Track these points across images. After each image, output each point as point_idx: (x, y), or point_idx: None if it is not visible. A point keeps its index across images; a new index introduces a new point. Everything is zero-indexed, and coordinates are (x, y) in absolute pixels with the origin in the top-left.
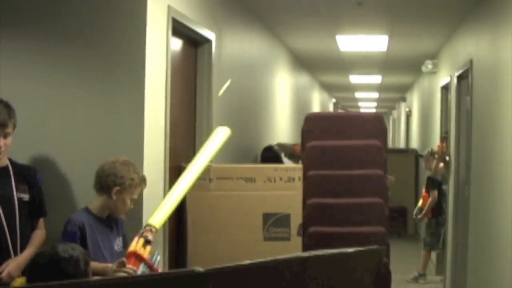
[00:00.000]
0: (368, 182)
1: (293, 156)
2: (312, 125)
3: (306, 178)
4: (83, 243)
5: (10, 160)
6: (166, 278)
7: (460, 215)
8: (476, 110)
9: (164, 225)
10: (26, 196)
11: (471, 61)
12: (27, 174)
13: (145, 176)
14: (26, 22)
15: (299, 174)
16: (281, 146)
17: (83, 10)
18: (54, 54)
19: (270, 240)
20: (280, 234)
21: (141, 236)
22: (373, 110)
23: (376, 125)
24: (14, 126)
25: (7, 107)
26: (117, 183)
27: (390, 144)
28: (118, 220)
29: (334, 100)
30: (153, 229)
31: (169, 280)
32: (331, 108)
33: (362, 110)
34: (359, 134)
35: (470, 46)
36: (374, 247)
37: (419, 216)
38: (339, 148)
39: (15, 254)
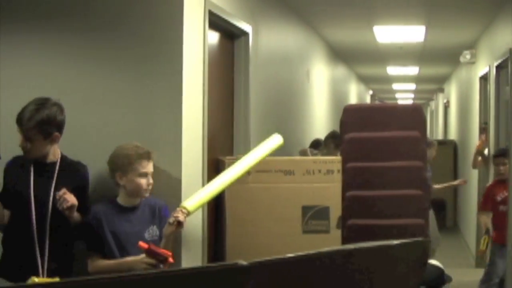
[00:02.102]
0: (407, 174)
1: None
2: (351, 117)
3: (345, 170)
4: (101, 233)
5: (62, 156)
6: (209, 271)
7: None
8: None
9: (197, 210)
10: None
11: (510, 50)
12: (74, 172)
13: (146, 149)
14: (61, 15)
15: (338, 166)
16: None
17: (120, 2)
18: (91, 49)
19: (309, 233)
20: (319, 226)
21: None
22: (411, 102)
23: (415, 116)
24: (42, 132)
25: (37, 111)
26: (116, 168)
27: (428, 135)
28: (158, 207)
29: (371, 92)
30: (184, 210)
31: (212, 273)
32: (368, 100)
33: (399, 102)
34: (398, 125)
35: (509, 35)
36: (420, 239)
37: None
38: (378, 140)
39: (42, 254)
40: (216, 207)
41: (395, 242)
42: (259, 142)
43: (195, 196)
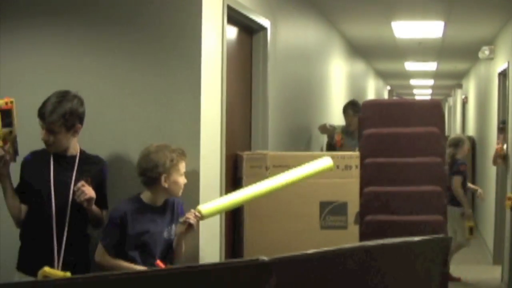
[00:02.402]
0: (426, 170)
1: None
2: (369, 112)
3: (363, 166)
4: (124, 232)
5: (81, 150)
6: (229, 267)
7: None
8: None
9: (212, 216)
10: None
11: None
12: (93, 166)
13: (181, 149)
14: (80, 9)
15: (356, 162)
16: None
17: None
18: (109, 43)
19: (327, 228)
20: (337, 222)
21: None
22: (428, 97)
23: (434, 112)
24: (66, 124)
25: (60, 103)
26: (162, 171)
27: (446, 132)
28: (176, 205)
29: (389, 87)
30: (198, 214)
31: (233, 269)
32: (386, 96)
33: (417, 98)
34: (417, 121)
35: None
36: (441, 236)
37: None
38: (397, 136)
39: (59, 245)
40: None
41: (416, 238)
42: (277, 137)
43: (214, 202)
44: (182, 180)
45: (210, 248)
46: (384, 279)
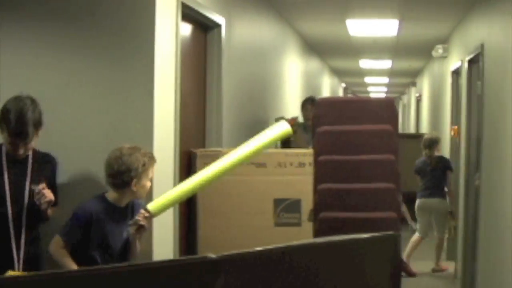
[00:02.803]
0: (379, 167)
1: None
2: (323, 110)
3: (317, 163)
4: (87, 233)
5: (33, 150)
6: (177, 265)
7: (471, 202)
8: (487, 95)
9: (162, 212)
10: (41, 186)
11: (482, 45)
12: (47, 164)
13: (151, 152)
14: (31, 5)
15: (309, 159)
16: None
17: None
18: (60, 40)
19: (281, 225)
20: (291, 219)
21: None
22: (383, 95)
23: (387, 109)
24: (36, 130)
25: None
26: (134, 175)
27: (400, 129)
28: (135, 206)
29: (344, 85)
30: (147, 214)
31: (182, 267)
32: (341, 93)
33: (372, 95)
34: (371, 119)
35: (481, 30)
36: (390, 233)
37: None
38: (350, 133)
39: (18, 245)
40: (188, 200)
41: (365, 235)
42: (232, 134)
43: (161, 197)
44: (149, 184)
45: (164, 246)
46: (333, 275)
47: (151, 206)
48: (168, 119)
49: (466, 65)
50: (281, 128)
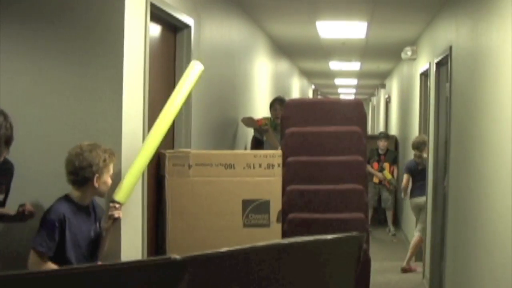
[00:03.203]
0: (348, 168)
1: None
2: (292, 111)
3: (285, 165)
4: (62, 235)
5: None
6: (141, 266)
7: (439, 204)
8: (455, 97)
9: (129, 196)
10: (1, 197)
11: (450, 48)
12: (7, 171)
13: (111, 149)
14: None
15: (278, 160)
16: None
17: None
18: (30, 41)
19: (250, 226)
20: (260, 220)
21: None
22: (353, 97)
23: (356, 111)
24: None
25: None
26: (95, 170)
27: (369, 131)
28: (95, 205)
29: (313, 86)
30: (117, 205)
31: (145, 268)
32: (310, 95)
33: (341, 97)
34: (339, 120)
35: (449, 33)
36: (354, 233)
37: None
38: (319, 134)
39: None
40: (157, 201)
41: (330, 236)
42: (201, 135)
43: (121, 185)
44: (110, 180)
45: (132, 248)
46: (298, 276)
47: (116, 196)
48: (136, 120)
49: (434, 67)
50: (193, 67)
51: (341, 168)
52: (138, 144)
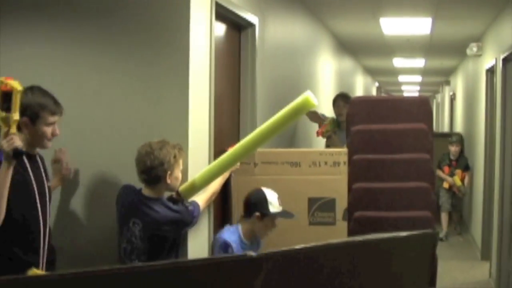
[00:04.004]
0: (414, 166)
1: None
2: (358, 109)
3: (351, 163)
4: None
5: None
6: (217, 263)
7: (506, 201)
8: None
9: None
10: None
11: None
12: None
13: (180, 144)
14: (65, 3)
15: (344, 158)
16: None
17: None
18: (96, 39)
19: (316, 224)
20: (325, 218)
21: None
22: (416, 94)
23: (422, 108)
24: None
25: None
26: (166, 168)
27: (434, 128)
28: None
29: (377, 84)
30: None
31: (221, 265)
32: (374, 92)
33: (405, 94)
34: (405, 118)
35: None
36: (428, 231)
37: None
38: (385, 132)
39: (44, 245)
40: (223, 200)
41: (403, 234)
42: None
43: (189, 182)
44: (180, 175)
45: (199, 246)
46: (371, 274)
47: (181, 188)
48: (202, 119)
49: (500, 63)
50: (302, 98)
51: (407, 166)
52: (204, 143)
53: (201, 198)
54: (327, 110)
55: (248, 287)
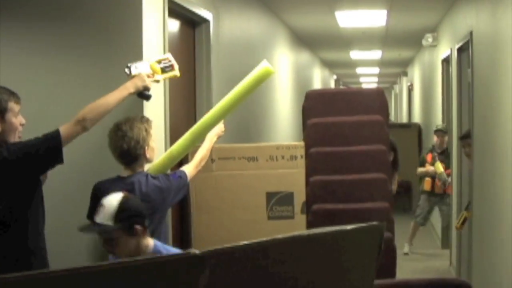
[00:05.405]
0: (371, 158)
1: None
2: (313, 102)
3: (308, 156)
4: None
5: None
6: (160, 262)
7: (464, 191)
8: (477, 83)
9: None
10: None
11: (471, 33)
12: None
13: (143, 115)
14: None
15: (301, 152)
16: None
17: None
18: (49, 40)
19: (274, 219)
20: (284, 212)
21: None
22: (375, 86)
23: (377, 100)
24: None
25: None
26: (143, 144)
27: (392, 119)
28: None
29: (335, 76)
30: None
31: (164, 264)
32: (332, 85)
33: (363, 86)
34: (361, 110)
35: (470, 18)
36: (375, 223)
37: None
38: (341, 124)
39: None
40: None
41: (349, 226)
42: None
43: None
44: (155, 144)
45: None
46: (318, 267)
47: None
48: (157, 116)
49: (455, 53)
50: (262, 67)
51: (364, 158)
52: (160, 140)
53: (189, 166)
54: (283, 105)
55: (192, 286)
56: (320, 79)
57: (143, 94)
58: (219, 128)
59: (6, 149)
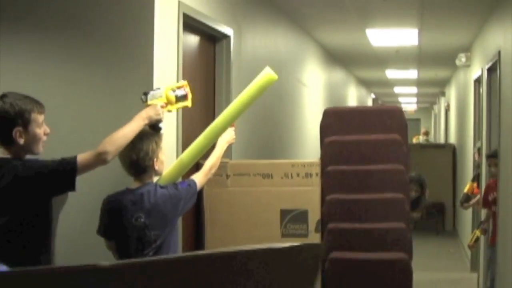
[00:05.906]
0: (388, 177)
1: None
2: (330, 120)
3: (324, 174)
4: None
5: None
6: (66, 273)
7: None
8: (504, 103)
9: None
10: None
11: (499, 53)
12: None
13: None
14: (29, 14)
15: (316, 169)
16: None
17: (89, 5)
18: (61, 52)
19: (288, 236)
20: (298, 230)
21: None
22: (414, 105)
23: (395, 119)
24: None
25: None
26: (152, 156)
27: (432, 139)
28: None
29: (373, 95)
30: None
31: (71, 275)
32: (370, 104)
33: (403, 105)
34: (378, 128)
35: (498, 37)
36: (311, 243)
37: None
38: (358, 143)
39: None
40: (195, 211)
41: (282, 245)
42: (244, 148)
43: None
44: (164, 157)
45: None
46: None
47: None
48: (170, 132)
49: (486, 73)
50: (264, 74)
51: (381, 177)
52: (172, 159)
53: (199, 174)
54: (313, 124)
55: None
56: (356, 97)
57: (155, 127)
58: (230, 135)
59: (21, 165)
